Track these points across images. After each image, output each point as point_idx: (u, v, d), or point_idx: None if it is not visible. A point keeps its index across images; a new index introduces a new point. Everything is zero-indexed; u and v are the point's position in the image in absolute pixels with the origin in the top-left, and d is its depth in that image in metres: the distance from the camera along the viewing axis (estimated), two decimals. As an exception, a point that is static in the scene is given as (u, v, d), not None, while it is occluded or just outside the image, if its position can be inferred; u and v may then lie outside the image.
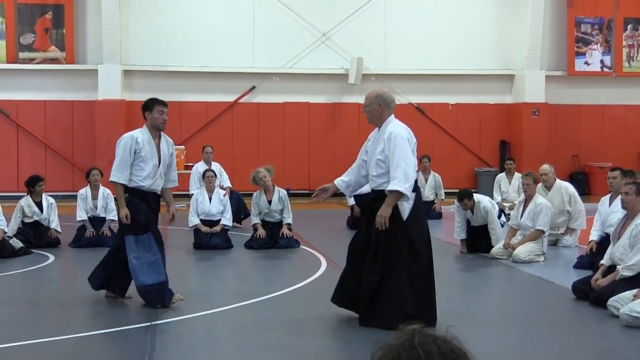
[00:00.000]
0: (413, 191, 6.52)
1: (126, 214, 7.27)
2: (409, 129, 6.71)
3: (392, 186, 6.38)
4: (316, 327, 6.80)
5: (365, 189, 7.20)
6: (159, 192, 7.60)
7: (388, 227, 6.38)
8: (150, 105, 7.52)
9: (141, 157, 7.36)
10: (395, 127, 6.62)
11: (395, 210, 6.43)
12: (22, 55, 19.08)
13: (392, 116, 6.75)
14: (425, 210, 14.95)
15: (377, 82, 20.08)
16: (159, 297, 7.25)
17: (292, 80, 19.79)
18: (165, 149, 7.59)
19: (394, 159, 6.43)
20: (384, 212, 6.37)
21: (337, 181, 7.00)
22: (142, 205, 7.35)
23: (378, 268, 6.46)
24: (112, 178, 7.40)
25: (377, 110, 6.69)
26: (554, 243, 11.26)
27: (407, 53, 20.26)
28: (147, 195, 7.42)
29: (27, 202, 11.46)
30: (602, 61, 21.12)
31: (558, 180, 11.65)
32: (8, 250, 10.50)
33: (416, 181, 6.65)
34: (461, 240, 10.87)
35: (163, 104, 7.56)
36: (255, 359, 5.97)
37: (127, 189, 7.40)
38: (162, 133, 7.63)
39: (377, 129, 6.80)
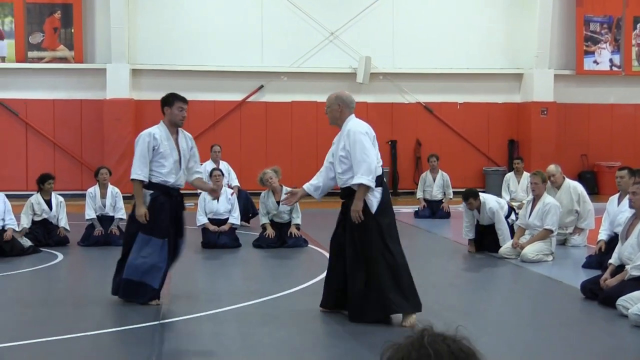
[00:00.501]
0: (380, 185, 6.73)
1: (144, 213, 7.21)
2: (367, 124, 6.91)
3: (355, 180, 6.62)
4: (324, 325, 6.80)
5: None
6: (182, 187, 7.57)
7: (360, 222, 6.60)
8: (170, 100, 7.43)
9: (160, 153, 7.31)
10: (353, 123, 6.84)
11: (364, 204, 6.64)
12: (31, 54, 19.13)
13: (352, 115, 6.93)
14: (433, 209, 15.20)
15: (385, 81, 20.10)
16: (138, 295, 7.27)
17: (300, 79, 19.79)
18: (184, 144, 7.51)
19: (356, 154, 6.64)
20: (356, 206, 6.62)
21: (306, 186, 7.16)
22: (167, 206, 7.30)
23: (360, 264, 6.64)
24: (132, 176, 7.36)
25: (337, 111, 6.89)
26: (563, 242, 11.22)
27: (415, 52, 20.23)
28: (171, 191, 7.41)
29: (36, 199, 11.50)
30: (611, 60, 21.05)
31: (567, 180, 11.61)
32: (17, 248, 10.54)
33: (382, 175, 6.86)
34: (469, 240, 10.85)
35: (183, 100, 7.48)
36: (263, 357, 5.97)
37: (152, 184, 7.34)
38: (179, 128, 7.56)
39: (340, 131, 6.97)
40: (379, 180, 6.74)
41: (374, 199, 6.69)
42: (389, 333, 6.26)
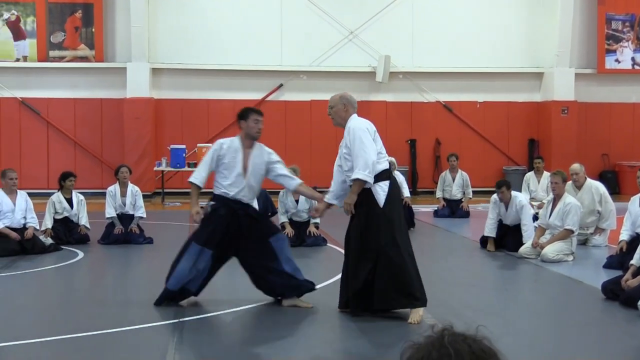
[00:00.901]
0: (387, 179, 6.77)
1: (196, 212, 7.30)
2: (368, 121, 6.96)
3: (353, 175, 6.69)
4: (343, 324, 6.80)
5: None
6: (250, 203, 7.40)
7: (368, 215, 6.67)
8: (245, 113, 7.44)
9: (224, 164, 7.30)
10: (354, 121, 6.90)
11: (372, 198, 6.70)
12: (52, 53, 19.28)
13: (355, 115, 6.99)
14: (453, 209, 15.14)
15: (404, 80, 20.04)
16: (176, 300, 7.34)
17: (320, 78, 19.78)
18: (257, 159, 7.39)
19: (355, 150, 6.71)
20: (349, 199, 6.73)
21: (328, 197, 7.19)
22: (224, 220, 7.23)
23: (366, 255, 6.67)
24: (190, 178, 7.47)
25: (342, 111, 6.95)
26: (584, 242, 11.14)
27: (434, 51, 20.16)
28: (232, 203, 7.28)
29: (58, 198, 11.60)
30: (633, 59, 20.86)
31: (588, 180, 11.52)
32: (38, 246, 10.63)
33: (390, 169, 6.92)
34: (489, 238, 10.81)
35: (259, 113, 7.48)
36: (281, 355, 5.98)
37: (214, 196, 7.37)
38: (259, 144, 7.49)
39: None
40: (385, 174, 6.78)
41: (382, 193, 6.71)
42: (410, 331, 6.25)
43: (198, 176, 7.37)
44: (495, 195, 10.83)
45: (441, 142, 20.19)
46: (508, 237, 10.70)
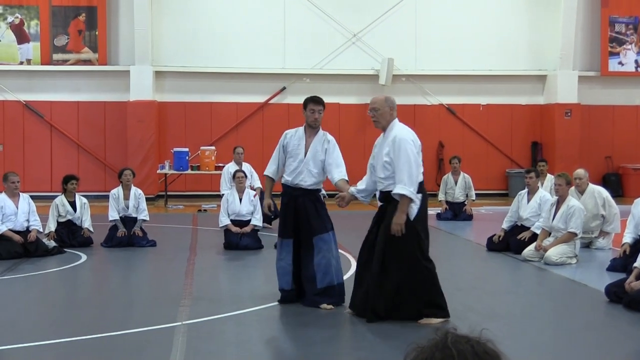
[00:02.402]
0: (420, 192, 6.71)
1: (268, 203, 7.67)
2: (412, 132, 6.88)
3: (398, 189, 6.57)
4: (347, 327, 6.80)
5: None
6: (310, 188, 7.46)
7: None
8: (305, 103, 7.59)
9: (289, 152, 7.54)
10: (400, 130, 6.81)
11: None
12: (55, 56, 19.31)
13: (397, 120, 6.93)
14: (455, 211, 15.14)
15: (407, 83, 20.05)
16: (288, 300, 7.49)
17: (323, 81, 19.78)
18: (317, 146, 7.49)
19: (399, 163, 6.61)
20: (399, 219, 6.57)
21: (352, 189, 7.18)
22: (290, 208, 7.43)
23: (393, 266, 6.63)
24: (265, 171, 7.72)
25: (388, 114, 6.89)
26: (587, 245, 11.13)
27: (438, 53, 20.17)
28: (293, 191, 7.46)
29: (61, 201, 11.61)
30: (636, 61, 20.85)
31: (591, 185, 11.52)
32: (41, 249, 10.64)
33: (422, 181, 6.82)
34: (503, 229, 11.05)
35: (315, 101, 7.56)
36: (284, 358, 5.98)
37: (282, 185, 7.62)
38: (323, 131, 7.61)
39: (382, 134, 6.96)
40: (420, 187, 6.72)
41: (415, 206, 6.67)
42: (414, 333, 6.25)
43: (269, 168, 7.68)
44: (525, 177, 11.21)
45: (444, 144, 20.18)
46: (514, 236, 10.78)
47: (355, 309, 6.98)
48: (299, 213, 7.41)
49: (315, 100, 7.56)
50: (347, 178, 7.41)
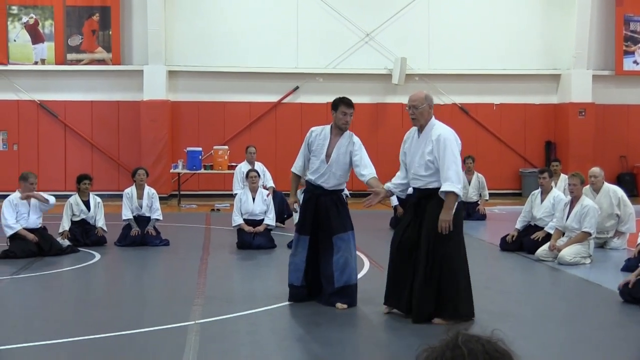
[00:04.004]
0: None
1: (294, 200, 7.77)
2: (453, 130, 6.94)
3: (446, 187, 6.58)
4: (359, 326, 6.79)
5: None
6: (332, 189, 7.49)
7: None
8: (336, 105, 7.53)
9: (313, 151, 7.59)
10: (442, 129, 6.86)
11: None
12: (69, 56, 19.39)
13: (433, 117, 6.97)
14: (469, 211, 15.15)
15: (420, 83, 19.98)
16: (297, 297, 7.52)
17: (336, 80, 19.77)
18: (342, 148, 7.46)
19: (446, 161, 6.64)
20: (447, 216, 6.58)
21: (388, 185, 7.17)
22: (311, 205, 7.47)
23: (436, 264, 6.62)
24: (292, 167, 7.83)
25: (427, 112, 6.89)
26: (602, 245, 11.07)
27: (451, 53, 20.11)
28: (315, 189, 7.51)
29: (75, 200, 11.67)
30: (651, 60, 20.71)
31: (606, 184, 11.45)
32: (56, 248, 10.70)
33: None
34: (516, 229, 11.05)
35: (347, 104, 7.50)
36: (297, 358, 5.98)
37: (305, 182, 7.72)
38: (349, 132, 7.56)
39: (415, 129, 6.97)
40: None
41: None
42: (423, 333, 6.23)
43: (296, 164, 7.76)
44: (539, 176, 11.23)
45: (457, 144, 20.10)
46: (528, 235, 10.75)
47: (395, 306, 6.93)
48: (320, 212, 7.44)
49: (347, 103, 7.49)
50: (376, 176, 7.36)
